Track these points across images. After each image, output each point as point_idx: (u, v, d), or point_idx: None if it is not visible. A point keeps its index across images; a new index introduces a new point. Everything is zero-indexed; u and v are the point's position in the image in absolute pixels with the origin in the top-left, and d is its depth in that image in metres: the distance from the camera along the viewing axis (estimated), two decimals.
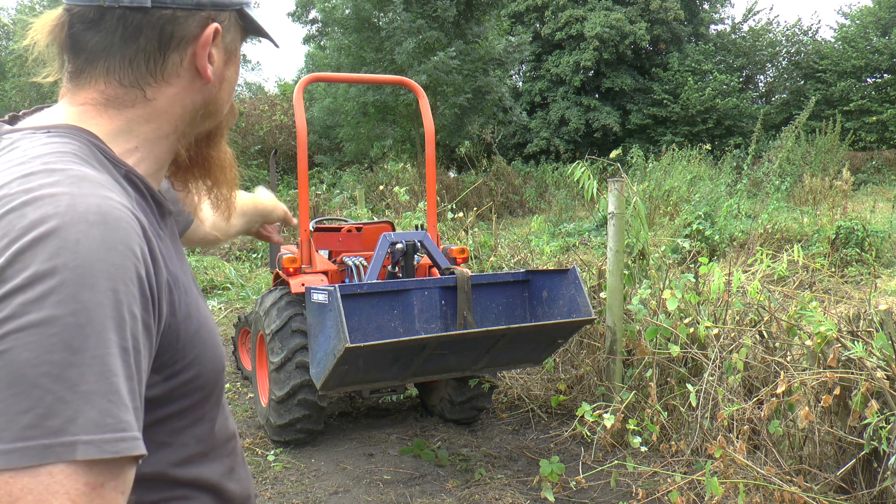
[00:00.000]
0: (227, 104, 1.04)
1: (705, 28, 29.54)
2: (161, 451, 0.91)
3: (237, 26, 1.00)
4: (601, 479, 3.85)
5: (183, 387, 0.91)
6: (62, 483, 0.68)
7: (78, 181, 0.78)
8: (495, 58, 19.39)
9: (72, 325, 0.70)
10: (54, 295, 0.70)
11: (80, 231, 0.73)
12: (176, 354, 0.89)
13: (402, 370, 3.71)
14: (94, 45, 0.90)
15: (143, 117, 0.93)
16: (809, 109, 14.68)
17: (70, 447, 0.68)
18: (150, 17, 0.89)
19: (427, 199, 4.95)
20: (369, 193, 15.14)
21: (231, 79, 1.02)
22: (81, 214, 0.74)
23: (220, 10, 0.95)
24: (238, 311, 8.37)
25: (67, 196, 0.75)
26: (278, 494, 3.90)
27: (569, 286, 3.88)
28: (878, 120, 24.10)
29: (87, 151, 0.86)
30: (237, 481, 1.07)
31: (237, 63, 1.03)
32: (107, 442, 0.69)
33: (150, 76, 0.92)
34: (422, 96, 4.85)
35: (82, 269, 0.71)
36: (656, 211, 11.17)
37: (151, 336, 0.81)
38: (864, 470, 3.17)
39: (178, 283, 0.90)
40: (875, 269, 7.52)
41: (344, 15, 18.64)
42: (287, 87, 28.61)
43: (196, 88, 0.96)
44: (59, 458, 0.67)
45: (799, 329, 3.68)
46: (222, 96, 1.01)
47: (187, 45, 0.93)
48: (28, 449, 0.67)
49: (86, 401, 0.69)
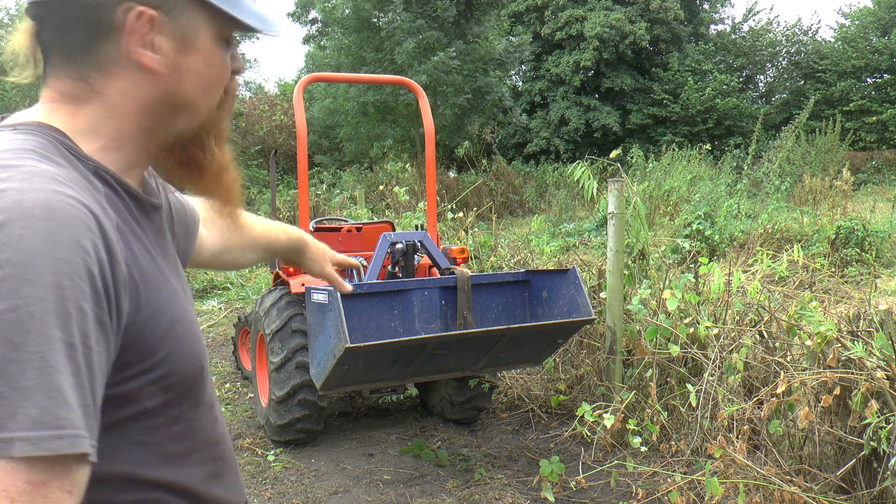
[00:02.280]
0: (203, 98, 0.96)
1: (705, 28, 29.54)
2: (135, 450, 0.89)
3: (197, 13, 0.92)
4: (601, 479, 3.85)
5: (153, 385, 0.89)
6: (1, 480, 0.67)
7: (30, 177, 0.77)
8: (495, 58, 19.39)
9: (12, 320, 0.69)
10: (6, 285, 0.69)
11: (25, 226, 0.72)
12: (143, 352, 0.87)
13: (402, 370, 3.71)
14: (46, 42, 0.90)
15: (102, 114, 0.91)
16: (809, 109, 14.68)
17: (7, 444, 0.67)
18: (77, 5, 0.86)
19: (427, 199, 4.95)
20: (369, 193, 15.14)
21: (198, 70, 0.93)
22: (27, 210, 0.73)
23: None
24: (238, 311, 8.37)
25: (15, 192, 0.74)
26: (278, 494, 3.90)
27: (569, 286, 3.88)
28: (878, 120, 24.10)
29: (51, 148, 0.85)
30: (224, 488, 1.04)
31: (207, 53, 0.93)
32: (43, 439, 0.68)
33: (90, 68, 0.89)
34: (422, 96, 4.85)
35: (24, 263, 0.71)
36: (656, 211, 11.17)
37: (107, 332, 0.79)
38: (864, 470, 3.17)
39: (146, 280, 0.88)
40: (875, 269, 7.52)
41: (344, 15, 18.65)
42: (287, 87, 28.62)
43: (147, 80, 0.91)
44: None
45: (799, 329, 3.68)
46: (186, 88, 0.93)
47: (119, 34, 0.88)
48: None
49: (25, 397, 0.68)
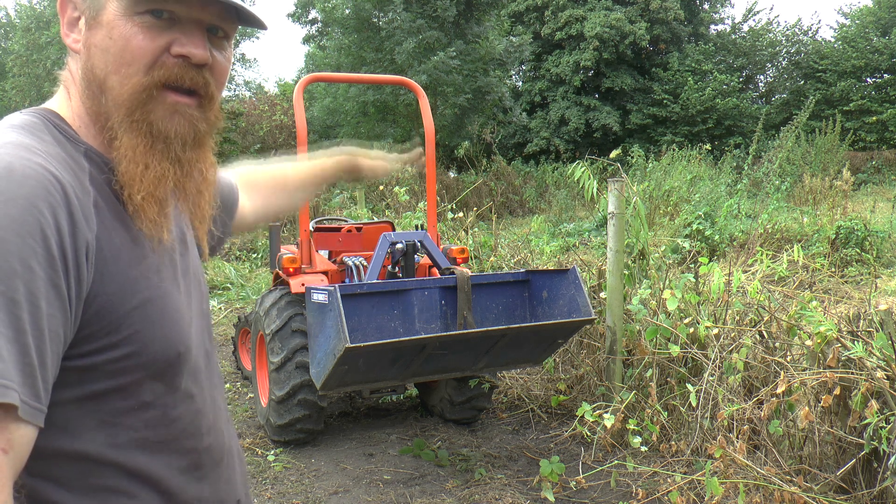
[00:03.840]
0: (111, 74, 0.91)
1: (705, 28, 29.53)
2: (104, 430, 0.89)
3: None
4: (601, 479, 3.85)
5: (117, 362, 0.89)
6: None
7: (4, 144, 0.81)
8: (495, 58, 19.39)
9: None
10: None
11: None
12: (108, 326, 0.87)
13: (402, 370, 3.71)
14: None
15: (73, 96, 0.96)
16: (809, 109, 14.67)
17: None
18: None
19: (427, 199, 4.95)
20: (369, 193, 15.14)
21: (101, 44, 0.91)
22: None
23: None
24: (238, 311, 8.37)
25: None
26: (278, 494, 3.90)
27: (569, 286, 3.88)
28: (878, 120, 24.09)
29: (41, 126, 0.89)
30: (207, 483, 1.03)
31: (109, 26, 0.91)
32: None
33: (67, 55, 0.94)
34: (422, 96, 4.85)
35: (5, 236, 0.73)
36: (656, 211, 11.17)
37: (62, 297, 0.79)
38: (864, 470, 3.17)
39: (118, 255, 0.89)
40: (875, 269, 7.52)
41: (344, 15, 18.64)
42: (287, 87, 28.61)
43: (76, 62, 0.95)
44: None
45: (799, 329, 3.68)
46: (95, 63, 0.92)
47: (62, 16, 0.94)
48: None
49: None
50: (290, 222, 13.51)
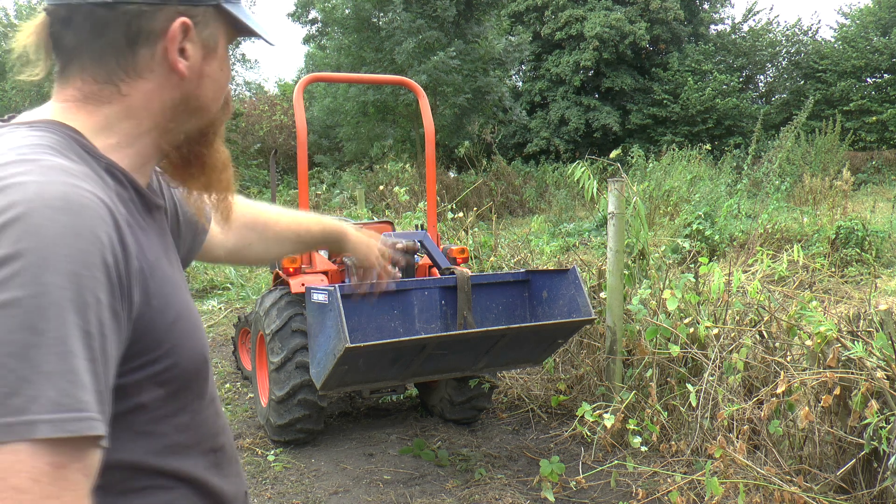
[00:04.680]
0: (214, 101, 1.01)
1: (705, 28, 29.53)
2: (141, 440, 0.91)
3: (217, 22, 0.98)
4: (601, 479, 3.85)
5: (158, 376, 0.92)
6: (25, 462, 0.69)
7: (47, 170, 0.79)
8: (495, 58, 19.39)
9: (33, 306, 0.71)
10: (18, 277, 0.72)
11: (45, 217, 0.75)
12: (151, 343, 0.89)
13: (402, 370, 3.71)
14: (69, 43, 0.91)
15: (121, 113, 0.93)
16: (808, 109, 14.68)
17: (31, 426, 0.69)
18: (116, 12, 0.89)
19: (427, 199, 4.95)
20: (369, 193, 15.14)
21: (214, 75, 0.99)
22: (47, 201, 0.76)
23: (193, 4, 0.93)
24: (238, 311, 8.37)
25: (35, 184, 0.77)
26: (278, 494, 3.90)
27: (569, 286, 3.88)
28: (878, 120, 24.10)
29: (65, 144, 0.88)
30: (224, 479, 1.06)
31: (221, 59, 1.00)
32: (65, 421, 0.71)
33: (122, 72, 0.92)
34: (422, 96, 4.85)
35: (45, 252, 0.73)
36: (656, 211, 11.17)
37: (120, 321, 0.81)
38: (864, 470, 3.17)
39: (154, 273, 0.91)
40: (875, 269, 7.52)
41: (344, 15, 18.64)
42: (287, 87, 28.62)
43: (173, 84, 0.95)
44: (20, 436, 0.69)
45: (799, 329, 3.68)
46: (204, 92, 0.99)
47: (157, 40, 0.92)
48: None
49: (46, 381, 0.71)
50: None
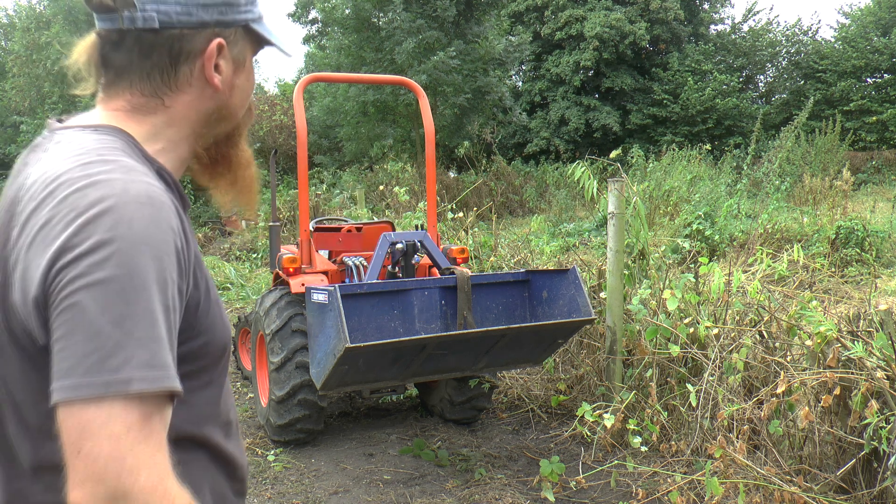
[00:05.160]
0: (241, 108, 1.16)
1: (705, 28, 29.51)
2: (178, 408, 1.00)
3: (245, 39, 1.11)
4: (601, 479, 3.85)
5: (196, 351, 1.03)
6: (120, 413, 0.83)
7: (128, 170, 0.94)
8: (495, 58, 19.38)
9: (127, 283, 0.85)
10: (113, 258, 0.85)
11: (133, 209, 0.89)
12: (194, 321, 1.00)
13: (402, 370, 3.71)
14: (119, 62, 1.05)
15: (165, 122, 1.08)
16: (808, 109, 14.67)
17: (126, 383, 0.83)
18: (161, 36, 1.03)
19: (427, 199, 4.95)
20: (369, 193, 15.14)
21: (242, 86, 1.14)
22: (133, 196, 0.90)
23: (225, 26, 1.07)
24: (238, 311, 8.37)
25: (121, 181, 0.91)
26: (278, 494, 3.90)
27: (569, 286, 3.88)
28: (878, 120, 24.08)
29: (129, 148, 1.01)
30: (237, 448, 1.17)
31: (248, 71, 1.14)
32: (154, 379, 0.85)
33: (166, 87, 1.06)
34: (422, 96, 4.85)
35: (134, 239, 0.87)
36: (656, 211, 11.17)
37: (183, 299, 0.95)
38: (864, 470, 3.17)
39: (199, 261, 1.04)
40: (875, 269, 7.52)
41: (344, 15, 18.63)
42: (287, 87, 28.62)
43: (208, 96, 1.09)
44: (117, 391, 0.83)
45: (799, 329, 3.68)
46: (234, 102, 1.13)
47: (195, 59, 1.06)
48: (93, 384, 0.82)
49: (138, 345, 0.84)
50: (291, 222, 13.52)
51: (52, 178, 0.92)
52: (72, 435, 0.82)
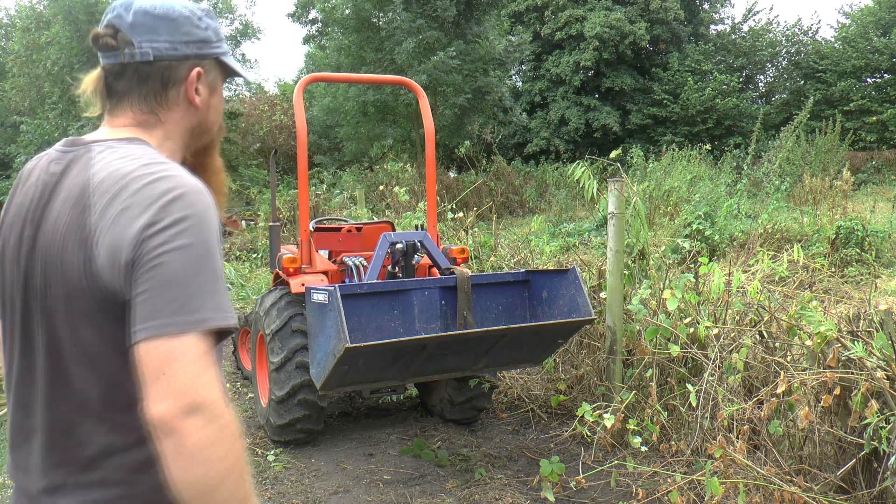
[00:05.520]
0: (216, 124, 1.43)
1: (705, 28, 29.52)
2: None
3: (216, 69, 1.39)
4: (601, 479, 3.85)
5: None
6: (196, 344, 1.09)
7: (178, 168, 1.22)
8: (495, 58, 19.38)
9: (201, 249, 1.13)
10: (189, 231, 1.12)
11: (195, 196, 1.17)
12: None
13: (402, 370, 3.71)
14: (121, 88, 1.32)
15: (165, 135, 1.34)
16: (808, 109, 14.66)
17: (202, 322, 1.10)
18: (154, 66, 1.30)
19: (427, 199, 4.95)
20: (369, 193, 15.14)
21: (216, 106, 1.41)
22: (193, 187, 1.18)
23: (202, 58, 1.35)
24: (238, 311, 8.37)
25: (180, 176, 1.19)
26: (278, 494, 3.90)
27: (569, 286, 3.88)
28: (878, 120, 24.08)
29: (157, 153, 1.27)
30: None
31: (219, 94, 1.42)
32: (223, 318, 1.13)
33: (159, 106, 1.32)
34: (422, 96, 4.85)
35: (201, 217, 1.15)
36: (656, 211, 11.16)
37: None
38: (864, 470, 3.17)
39: None
40: (875, 269, 7.52)
41: (344, 15, 18.64)
42: (287, 88, 28.62)
43: (191, 113, 1.36)
44: (195, 328, 1.09)
45: (799, 329, 3.68)
46: (211, 118, 1.41)
47: (181, 84, 1.33)
48: (178, 322, 1.08)
49: (209, 294, 1.12)
50: (291, 222, 13.52)
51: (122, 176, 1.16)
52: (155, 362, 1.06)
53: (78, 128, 17.33)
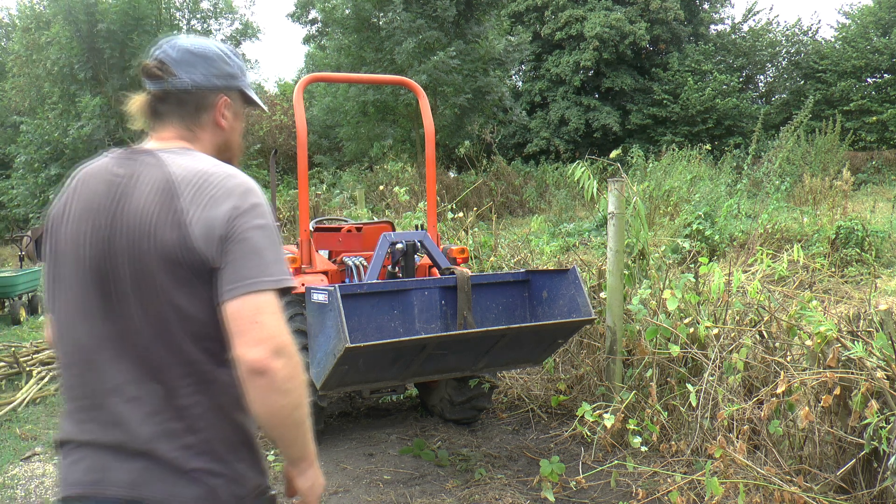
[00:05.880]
0: (236, 143, 1.71)
1: (705, 28, 29.50)
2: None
3: (239, 99, 1.69)
4: (601, 479, 3.85)
5: None
6: (274, 300, 1.38)
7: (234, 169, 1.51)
8: (495, 58, 19.37)
9: (272, 228, 1.44)
10: (264, 214, 1.44)
11: (258, 189, 1.47)
12: None
13: (402, 370, 3.71)
14: (164, 110, 1.60)
15: (201, 148, 1.60)
16: (808, 109, 14.65)
17: (280, 281, 1.40)
18: (191, 94, 1.59)
19: (427, 199, 4.95)
20: (369, 193, 15.14)
21: (237, 128, 1.70)
22: (253, 182, 1.48)
23: (228, 90, 1.65)
24: None
25: (242, 175, 1.49)
26: (278, 494, 3.90)
27: (569, 286, 3.88)
28: (878, 120, 24.06)
29: None
30: None
31: (241, 118, 1.71)
32: (290, 279, 1.43)
33: (195, 125, 1.61)
34: (422, 96, 4.85)
35: (266, 205, 1.46)
36: (656, 211, 11.16)
37: None
38: (864, 470, 3.17)
39: None
40: (875, 269, 7.52)
41: (344, 15, 18.64)
42: (287, 87, 28.61)
43: (218, 133, 1.66)
44: (272, 287, 1.38)
45: (799, 329, 3.68)
46: (233, 138, 1.70)
47: (211, 109, 1.62)
48: (264, 281, 1.38)
49: (280, 262, 1.42)
50: (291, 222, 13.51)
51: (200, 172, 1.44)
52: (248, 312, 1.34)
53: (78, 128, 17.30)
